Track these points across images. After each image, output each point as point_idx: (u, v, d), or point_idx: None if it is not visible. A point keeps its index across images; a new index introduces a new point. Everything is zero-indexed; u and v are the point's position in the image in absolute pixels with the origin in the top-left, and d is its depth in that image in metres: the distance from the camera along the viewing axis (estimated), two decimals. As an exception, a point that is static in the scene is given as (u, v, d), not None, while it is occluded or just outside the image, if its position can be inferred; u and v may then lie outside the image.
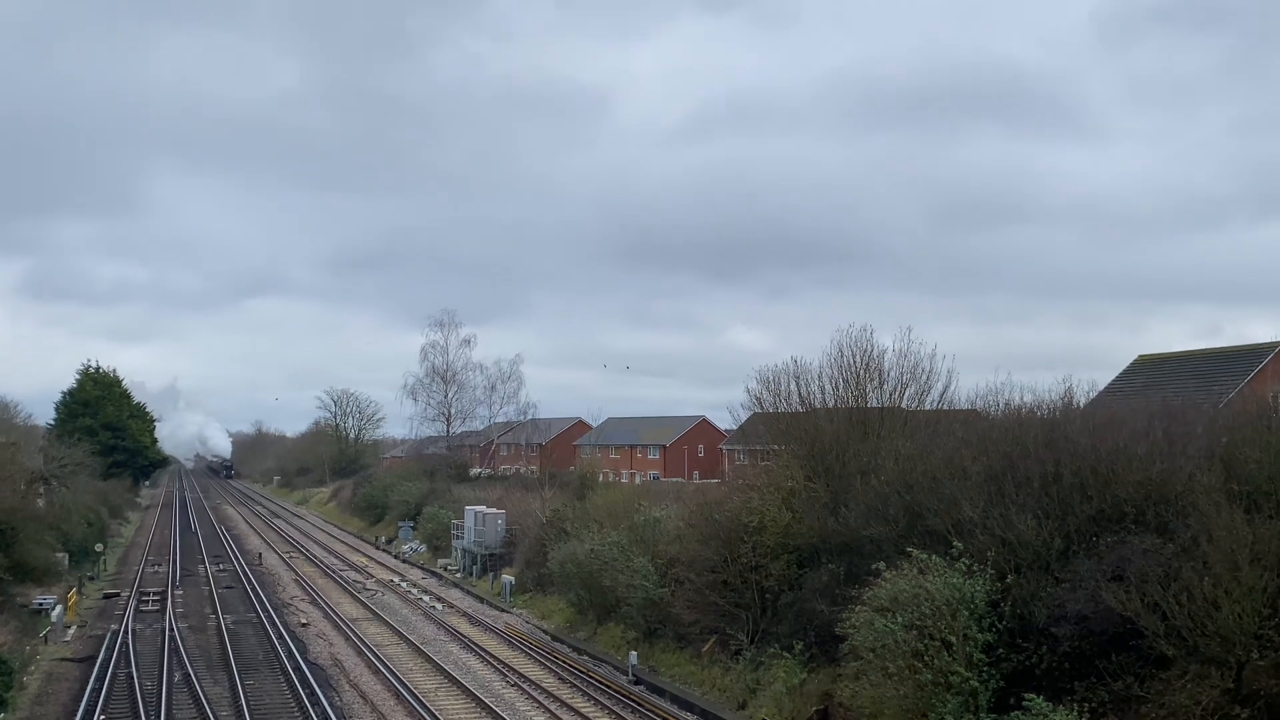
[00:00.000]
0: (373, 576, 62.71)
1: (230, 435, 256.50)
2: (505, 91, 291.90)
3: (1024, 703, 20.96)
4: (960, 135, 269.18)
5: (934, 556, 23.75)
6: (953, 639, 22.45)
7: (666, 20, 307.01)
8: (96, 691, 32.63)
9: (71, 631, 43.22)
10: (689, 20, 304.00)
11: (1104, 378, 49.73)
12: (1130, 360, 51.50)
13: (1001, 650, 22.75)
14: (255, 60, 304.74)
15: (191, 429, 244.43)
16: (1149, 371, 48.95)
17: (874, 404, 35.47)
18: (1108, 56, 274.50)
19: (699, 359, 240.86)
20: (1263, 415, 25.52)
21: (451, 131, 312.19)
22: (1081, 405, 31.89)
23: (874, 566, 24.80)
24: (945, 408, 35.74)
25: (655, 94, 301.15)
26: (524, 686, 34.06)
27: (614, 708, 31.47)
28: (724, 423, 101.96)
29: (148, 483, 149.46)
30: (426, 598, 53.98)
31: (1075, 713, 20.28)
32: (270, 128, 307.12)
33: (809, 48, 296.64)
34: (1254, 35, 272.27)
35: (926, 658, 22.28)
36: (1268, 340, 45.23)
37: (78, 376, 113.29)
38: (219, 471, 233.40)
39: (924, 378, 35.62)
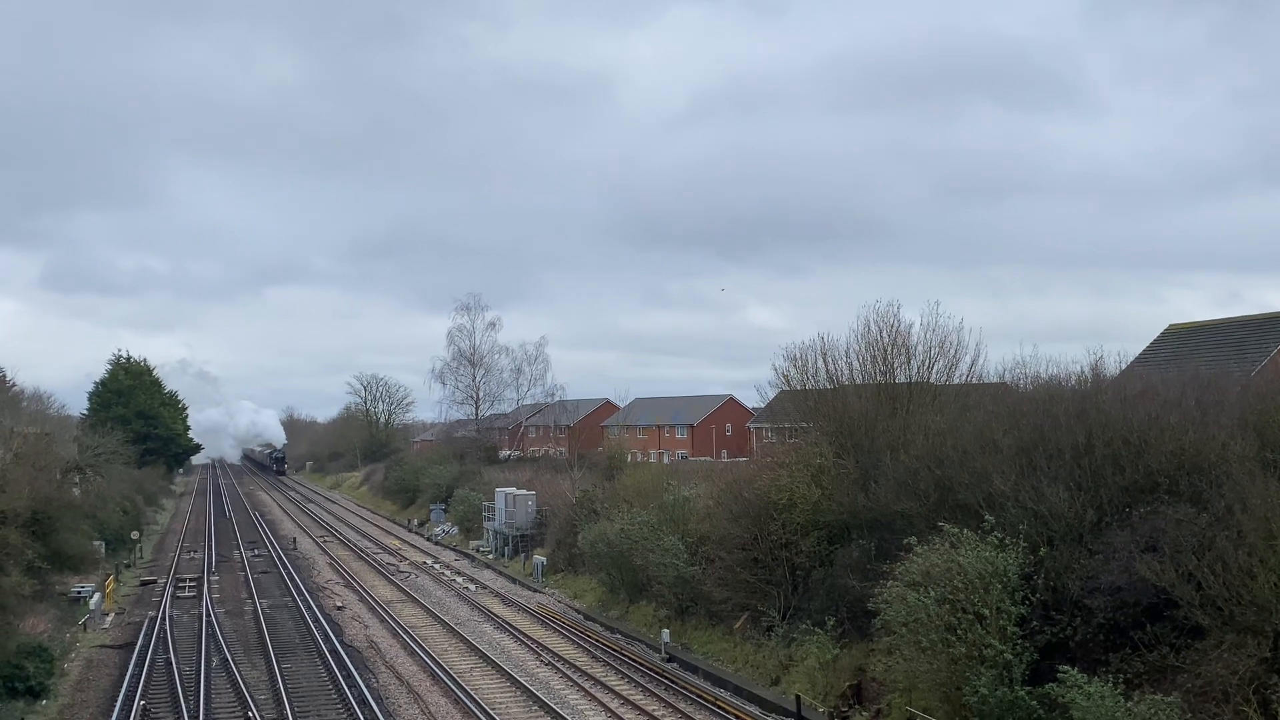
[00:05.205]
0: (406, 559, 63.14)
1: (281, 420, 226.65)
2: (504, 79, 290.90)
3: (1058, 675, 20.92)
4: (961, 111, 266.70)
5: (965, 530, 23.74)
6: (986, 612, 22.45)
7: (661, 7, 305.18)
8: (136, 677, 33.05)
9: (110, 619, 43.77)
10: (683, 7, 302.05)
11: (1126, 348, 49.39)
12: (1156, 330, 51.18)
13: (1035, 623, 22.73)
14: (256, 53, 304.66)
15: (245, 416, 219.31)
16: (1178, 341, 48.56)
17: (902, 379, 35.36)
18: (1100, 32, 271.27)
19: (717, 338, 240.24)
20: (1296, 383, 25.32)
21: (454, 119, 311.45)
22: (1112, 376, 31.70)
23: (905, 541, 24.83)
24: (974, 381, 35.59)
25: (656, 80, 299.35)
26: (558, 665, 34.28)
27: (648, 685, 31.64)
28: (751, 401, 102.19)
29: (181, 470, 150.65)
30: (459, 579, 54.33)
31: (1110, 684, 20.20)
32: (277, 119, 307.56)
33: (805, 32, 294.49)
34: (1241, 6, 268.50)
35: (960, 631, 22.30)
36: (1298, 308, 44.73)
37: (109, 366, 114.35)
38: (268, 466, 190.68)
39: (952, 351, 35.47)
